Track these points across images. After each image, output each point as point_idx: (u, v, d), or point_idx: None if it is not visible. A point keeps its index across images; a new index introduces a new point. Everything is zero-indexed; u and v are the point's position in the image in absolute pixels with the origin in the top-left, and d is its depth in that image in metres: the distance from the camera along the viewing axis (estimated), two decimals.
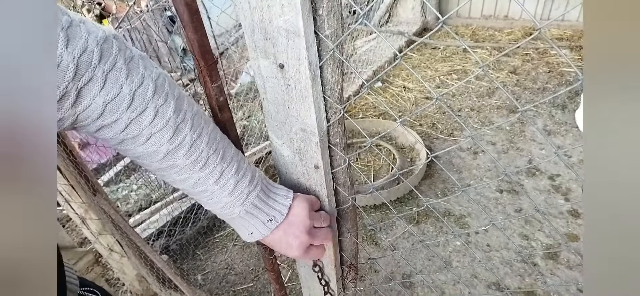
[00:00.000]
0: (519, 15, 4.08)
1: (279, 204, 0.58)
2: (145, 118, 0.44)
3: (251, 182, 0.55)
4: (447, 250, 1.94)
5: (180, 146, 0.48)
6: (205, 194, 0.53)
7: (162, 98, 0.45)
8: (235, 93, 3.61)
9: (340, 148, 0.60)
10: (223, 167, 0.52)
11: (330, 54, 0.48)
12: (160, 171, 0.50)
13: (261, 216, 0.57)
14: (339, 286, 0.87)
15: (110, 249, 1.80)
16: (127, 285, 2.09)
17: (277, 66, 0.49)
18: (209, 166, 0.51)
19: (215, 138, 0.52)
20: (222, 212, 0.56)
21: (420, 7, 4.34)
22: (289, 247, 0.60)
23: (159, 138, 0.46)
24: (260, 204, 0.56)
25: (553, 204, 2.05)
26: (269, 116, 0.59)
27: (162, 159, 0.48)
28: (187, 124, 0.48)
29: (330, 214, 0.67)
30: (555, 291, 1.67)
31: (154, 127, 0.45)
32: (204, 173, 0.51)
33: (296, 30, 0.44)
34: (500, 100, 3.02)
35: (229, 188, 0.53)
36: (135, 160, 0.50)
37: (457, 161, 2.50)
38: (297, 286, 1.94)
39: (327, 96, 0.52)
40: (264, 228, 0.57)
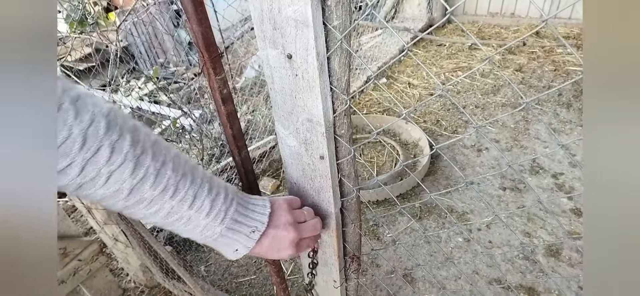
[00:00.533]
0: (525, 13, 4.06)
1: (258, 214, 0.57)
2: (101, 157, 0.42)
3: (226, 198, 0.53)
4: (449, 246, 1.95)
5: (144, 178, 0.45)
6: (181, 221, 0.50)
7: (115, 133, 0.43)
8: (240, 88, 3.62)
9: (346, 139, 0.61)
10: (195, 190, 0.50)
11: (338, 44, 0.48)
12: (127, 209, 0.47)
13: (243, 230, 0.55)
14: (341, 276, 0.88)
15: (115, 239, 1.82)
16: (131, 275, 2.11)
17: (285, 56, 0.50)
18: (180, 192, 0.48)
19: (180, 163, 0.49)
20: (203, 235, 0.53)
21: (426, 4, 4.33)
22: (280, 250, 0.58)
23: (120, 175, 0.43)
24: (240, 218, 0.55)
25: (556, 202, 2.05)
26: (276, 106, 0.60)
27: (127, 197, 0.45)
28: (148, 154, 0.46)
29: (335, 205, 0.68)
30: (556, 289, 1.67)
31: (112, 164, 0.42)
32: (175, 200, 0.48)
33: (305, 20, 0.44)
34: (505, 98, 3.01)
35: (205, 209, 0.51)
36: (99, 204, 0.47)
37: (461, 158, 2.50)
38: (299, 278, 1.96)
39: (333, 86, 0.53)
40: (248, 240, 0.55)
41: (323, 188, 0.66)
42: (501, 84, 3.17)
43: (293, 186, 0.71)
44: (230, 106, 0.62)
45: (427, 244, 1.98)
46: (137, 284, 2.08)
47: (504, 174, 2.30)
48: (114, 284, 1.99)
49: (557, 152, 2.37)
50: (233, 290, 1.98)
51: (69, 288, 1.72)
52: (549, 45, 3.53)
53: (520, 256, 1.82)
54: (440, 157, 2.54)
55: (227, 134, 0.66)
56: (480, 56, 3.65)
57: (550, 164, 2.30)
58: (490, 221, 2.02)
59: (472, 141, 2.61)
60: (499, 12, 4.21)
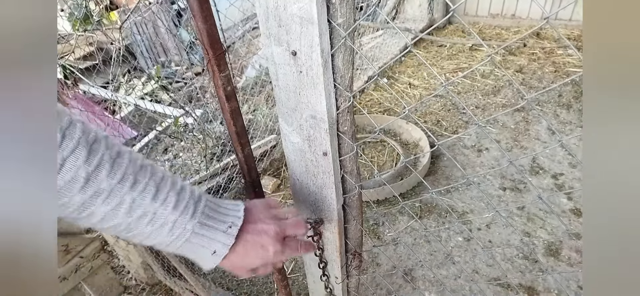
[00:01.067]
0: (526, 14, 4.07)
1: (232, 210, 0.52)
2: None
3: (193, 193, 0.49)
4: (449, 246, 1.95)
5: (99, 166, 0.42)
6: (145, 219, 0.45)
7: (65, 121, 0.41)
8: (241, 87, 3.63)
9: (349, 136, 0.62)
10: (157, 181, 0.46)
11: (341, 42, 0.49)
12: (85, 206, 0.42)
13: (219, 226, 0.49)
14: (343, 273, 0.89)
15: (116, 236, 1.82)
16: (132, 273, 2.12)
17: (289, 52, 0.51)
18: (140, 182, 0.44)
19: (137, 157, 0.47)
20: (172, 235, 0.47)
21: (427, 4, 4.34)
22: (264, 245, 0.52)
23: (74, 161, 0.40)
24: (213, 213, 0.49)
25: (556, 202, 2.06)
26: (280, 102, 0.61)
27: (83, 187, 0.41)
28: (101, 143, 0.43)
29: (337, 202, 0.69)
30: (555, 288, 1.68)
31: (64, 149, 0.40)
32: (136, 192, 0.44)
33: (310, 18, 0.45)
34: (506, 99, 3.02)
35: (170, 202, 0.46)
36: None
37: (461, 158, 2.51)
38: (300, 277, 1.97)
39: (337, 83, 0.54)
40: (226, 237, 0.49)
41: (326, 185, 0.67)
42: (502, 85, 3.18)
43: (296, 182, 0.72)
44: (234, 103, 0.63)
45: (427, 244, 1.99)
46: (138, 282, 2.09)
47: (504, 174, 2.31)
48: (115, 281, 2.00)
49: (557, 153, 2.37)
50: (234, 288, 1.99)
51: (71, 285, 1.73)
52: (549, 47, 3.54)
53: (520, 256, 1.83)
54: (440, 157, 2.55)
55: (230, 131, 0.67)
56: (480, 57, 3.66)
57: (550, 165, 2.31)
58: (490, 221, 2.03)
59: (473, 141, 2.62)
60: (500, 13, 4.22)
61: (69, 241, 1.67)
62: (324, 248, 0.82)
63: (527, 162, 2.38)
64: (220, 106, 0.62)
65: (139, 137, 3.34)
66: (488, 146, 2.56)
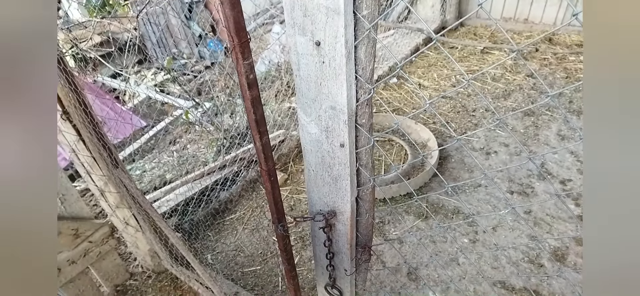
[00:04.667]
0: (539, 19, 4.04)
1: None
2: None
3: None
4: (454, 247, 1.95)
5: None
6: None
7: None
8: None
9: (366, 129, 0.63)
10: None
11: (366, 33, 0.50)
12: None
13: None
14: (352, 266, 0.89)
15: (126, 223, 1.85)
16: (139, 260, 2.14)
17: (313, 43, 0.52)
18: None
19: None
20: None
21: (440, 6, 4.32)
22: None
23: None
24: None
25: (563, 208, 2.05)
26: (300, 93, 0.61)
27: None
28: None
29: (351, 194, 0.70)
30: (561, 293, 1.68)
31: None
32: None
33: (336, 8, 0.46)
34: (516, 102, 3.01)
35: None
36: None
37: (469, 161, 2.51)
38: (304, 271, 1.98)
39: (358, 75, 0.55)
40: None
41: (341, 176, 0.68)
42: (512, 89, 3.17)
43: (310, 173, 0.73)
44: (255, 91, 0.64)
45: (432, 244, 1.99)
46: (144, 269, 2.11)
47: (511, 178, 2.30)
48: (121, 268, 2.03)
49: (566, 159, 2.36)
50: (238, 279, 2.00)
51: (79, 269, 1.75)
52: (561, 53, 3.51)
53: (526, 260, 1.83)
54: (448, 159, 2.54)
55: (249, 119, 0.68)
56: (492, 60, 3.64)
57: (558, 171, 2.29)
58: (497, 224, 2.03)
59: (481, 144, 2.61)
60: (513, 17, 4.19)
61: (79, 226, 1.70)
62: (334, 239, 0.83)
63: (535, 166, 2.37)
64: (241, 93, 0.63)
65: (148, 128, 3.37)
66: (497, 150, 2.55)
